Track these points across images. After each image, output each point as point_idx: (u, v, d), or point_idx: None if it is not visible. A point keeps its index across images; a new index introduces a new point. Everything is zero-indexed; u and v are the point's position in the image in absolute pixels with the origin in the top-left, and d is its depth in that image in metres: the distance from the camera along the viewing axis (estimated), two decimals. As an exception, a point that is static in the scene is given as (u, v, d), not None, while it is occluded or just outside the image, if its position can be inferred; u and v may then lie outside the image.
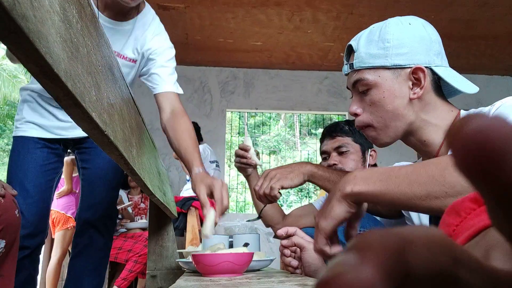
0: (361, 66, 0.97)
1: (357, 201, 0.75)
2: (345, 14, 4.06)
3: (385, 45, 0.94)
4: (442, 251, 0.14)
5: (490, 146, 0.11)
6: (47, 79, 0.38)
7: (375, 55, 0.95)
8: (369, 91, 0.97)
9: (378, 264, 0.12)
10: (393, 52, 0.94)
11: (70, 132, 1.73)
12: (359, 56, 0.98)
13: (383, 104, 0.95)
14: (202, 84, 5.28)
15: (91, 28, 0.52)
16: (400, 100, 0.95)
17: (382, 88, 0.95)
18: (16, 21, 0.27)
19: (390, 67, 0.94)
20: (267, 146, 13.30)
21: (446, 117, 0.96)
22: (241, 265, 1.03)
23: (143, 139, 1.07)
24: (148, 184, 1.04)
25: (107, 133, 0.54)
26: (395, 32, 0.94)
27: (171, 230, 1.82)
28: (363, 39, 0.99)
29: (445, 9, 3.91)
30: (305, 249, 1.00)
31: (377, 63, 0.95)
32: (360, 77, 0.97)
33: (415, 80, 0.94)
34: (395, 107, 0.95)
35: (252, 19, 4.17)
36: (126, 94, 0.81)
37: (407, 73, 0.94)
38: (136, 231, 3.57)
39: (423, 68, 0.93)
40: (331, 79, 5.38)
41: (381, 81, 0.95)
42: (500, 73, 5.48)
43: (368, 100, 0.97)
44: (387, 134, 0.98)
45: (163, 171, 1.72)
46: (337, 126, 1.71)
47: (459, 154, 0.12)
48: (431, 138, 0.96)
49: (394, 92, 0.94)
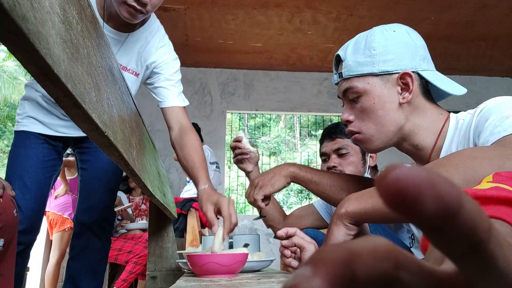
0: (350, 75, 0.99)
1: (354, 221, 0.77)
2: (345, 16, 4.06)
3: (372, 53, 0.97)
4: (385, 258, 0.16)
5: (404, 192, 0.14)
6: (47, 81, 0.38)
7: (362, 63, 0.97)
8: (359, 99, 0.99)
9: (327, 274, 0.15)
10: (380, 59, 0.96)
11: (71, 131, 1.73)
12: (347, 65, 1.00)
13: (374, 110, 0.97)
14: (202, 86, 5.29)
15: (91, 29, 0.52)
16: (390, 105, 0.96)
17: (371, 94, 0.97)
18: (16, 22, 0.27)
19: (378, 74, 0.97)
20: (267, 147, 13.30)
21: (436, 120, 0.97)
22: (229, 266, 1.03)
23: (143, 140, 1.08)
24: (148, 185, 1.05)
25: (107, 134, 0.54)
26: (381, 40, 0.96)
27: (171, 231, 1.82)
28: (350, 48, 1.01)
29: (445, 11, 3.92)
30: (305, 250, 1.00)
31: (365, 71, 0.97)
32: (349, 85, 1.00)
33: (403, 85, 0.96)
34: (386, 113, 0.96)
35: (252, 20, 4.18)
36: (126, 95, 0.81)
37: (395, 78, 0.96)
38: (136, 232, 3.57)
39: (410, 73, 0.95)
40: (331, 80, 5.38)
41: (370, 88, 0.97)
42: (500, 75, 5.48)
43: (359, 107, 0.99)
44: (379, 139, 0.99)
45: (163, 172, 1.72)
46: (337, 128, 1.70)
47: (384, 197, 0.15)
48: (423, 142, 0.98)
49: (384, 97, 0.96)
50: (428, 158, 0.97)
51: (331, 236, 0.79)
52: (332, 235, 0.79)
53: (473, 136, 0.83)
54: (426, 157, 0.98)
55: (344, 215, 0.77)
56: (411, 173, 0.14)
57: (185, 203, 3.49)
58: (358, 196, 0.77)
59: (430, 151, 0.97)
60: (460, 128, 0.92)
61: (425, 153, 0.98)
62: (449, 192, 0.15)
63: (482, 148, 0.69)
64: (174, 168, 4.91)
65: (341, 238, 0.78)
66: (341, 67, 1.03)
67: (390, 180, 0.14)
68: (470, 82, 5.45)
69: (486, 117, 0.80)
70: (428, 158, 0.97)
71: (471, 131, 0.84)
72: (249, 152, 1.54)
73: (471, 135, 0.84)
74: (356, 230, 0.78)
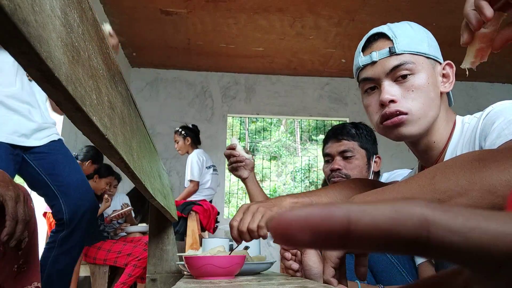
0: (406, 50, 0.94)
1: None
2: (346, 21, 4.07)
3: (427, 35, 0.96)
4: None
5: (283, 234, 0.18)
6: (48, 84, 0.38)
7: (419, 41, 0.94)
8: (411, 76, 0.93)
9: None
10: (431, 43, 0.95)
11: (29, 141, 1.79)
12: (400, 41, 0.94)
13: (427, 90, 0.92)
14: (204, 89, 5.29)
15: (92, 32, 0.53)
16: (437, 90, 0.94)
17: (427, 74, 0.93)
18: (17, 25, 0.28)
19: (430, 57, 0.95)
20: (268, 151, 13.28)
21: (449, 119, 0.97)
22: (227, 268, 1.03)
23: (144, 143, 1.08)
24: (149, 187, 1.05)
25: (107, 137, 0.55)
26: (424, 30, 0.97)
27: (171, 234, 1.82)
28: (396, 28, 0.96)
29: (446, 16, 3.92)
30: (306, 252, 0.99)
31: (422, 50, 0.94)
32: (404, 60, 0.93)
33: (444, 76, 0.96)
34: (436, 96, 0.93)
35: (254, 25, 4.19)
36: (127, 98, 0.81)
37: (440, 66, 0.96)
38: (136, 235, 3.57)
39: (452, 64, 0.95)
40: (332, 85, 5.39)
41: (426, 68, 0.94)
42: (501, 81, 5.48)
43: (409, 85, 0.93)
44: (423, 124, 0.94)
45: (164, 174, 1.73)
46: (343, 129, 1.63)
47: (273, 236, 0.19)
48: (439, 141, 0.96)
49: (435, 81, 0.94)
50: (437, 160, 0.96)
51: None
52: None
53: (478, 139, 0.83)
54: (434, 158, 0.97)
55: None
56: (285, 217, 0.18)
57: (185, 206, 3.48)
58: (362, 197, 0.77)
59: (439, 152, 0.96)
60: (466, 131, 0.91)
61: (435, 153, 0.97)
62: (328, 218, 0.18)
63: (489, 150, 0.68)
64: (174, 171, 4.91)
65: None
66: (385, 45, 0.96)
67: (272, 226, 0.19)
68: (471, 88, 5.45)
69: (492, 120, 0.80)
70: (436, 160, 0.96)
71: (477, 134, 0.84)
72: (244, 159, 1.53)
73: (476, 138, 0.84)
74: None
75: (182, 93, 5.21)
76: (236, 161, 1.53)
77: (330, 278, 0.78)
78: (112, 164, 2.62)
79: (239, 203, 8.03)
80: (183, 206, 3.48)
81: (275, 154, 13.58)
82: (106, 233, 3.38)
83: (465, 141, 0.90)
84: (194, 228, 3.34)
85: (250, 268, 1.25)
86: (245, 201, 7.02)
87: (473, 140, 0.86)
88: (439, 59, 0.97)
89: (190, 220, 3.40)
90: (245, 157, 1.52)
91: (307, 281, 0.95)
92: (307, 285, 0.84)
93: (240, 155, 1.52)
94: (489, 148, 0.76)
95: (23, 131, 1.86)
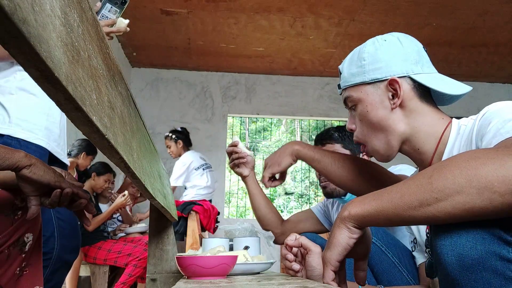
0: (346, 85, 1.07)
1: (357, 225, 0.77)
2: (347, 21, 4.07)
3: (362, 63, 1.03)
4: None
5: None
6: (48, 83, 0.38)
7: (355, 73, 1.04)
8: (356, 107, 1.05)
9: None
10: (370, 68, 1.01)
11: (63, 158, 1.71)
12: (343, 77, 1.08)
13: (368, 116, 1.02)
14: (204, 89, 5.29)
15: (92, 32, 0.53)
16: (383, 111, 1.01)
17: (365, 102, 1.02)
18: (17, 25, 0.28)
19: (370, 82, 1.02)
20: (268, 151, 13.28)
21: (437, 124, 0.98)
22: (211, 268, 1.03)
23: (144, 143, 1.08)
24: (149, 187, 1.05)
25: (107, 137, 0.55)
26: (371, 50, 1.03)
27: (171, 233, 1.82)
28: (346, 61, 1.09)
29: (446, 17, 3.92)
30: (310, 252, 0.99)
31: (357, 80, 1.03)
32: (347, 95, 1.06)
33: (394, 91, 1.00)
34: (380, 118, 1.01)
35: (254, 25, 4.19)
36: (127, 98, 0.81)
37: (385, 85, 1.01)
38: (136, 235, 3.57)
39: (396, 79, 0.98)
40: (333, 85, 5.39)
41: (363, 96, 1.03)
42: (501, 81, 5.48)
43: (358, 115, 1.05)
44: (382, 149, 1.03)
45: (164, 175, 1.72)
46: (326, 134, 1.75)
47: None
48: (424, 146, 0.99)
49: (376, 104, 1.01)
50: (430, 163, 0.97)
51: (334, 239, 0.79)
52: (335, 238, 0.79)
53: (475, 140, 0.84)
54: (428, 161, 0.98)
55: (347, 218, 0.77)
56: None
57: (185, 206, 3.49)
58: (360, 199, 0.77)
59: (431, 156, 0.97)
60: (462, 134, 0.92)
61: (427, 157, 0.99)
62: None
63: (485, 149, 0.69)
64: (175, 171, 4.91)
65: (344, 241, 0.78)
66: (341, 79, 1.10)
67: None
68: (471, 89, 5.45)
69: (488, 120, 0.80)
70: (429, 162, 0.98)
71: (474, 135, 0.85)
72: (246, 156, 1.56)
73: (473, 139, 0.84)
74: (359, 234, 0.78)
75: (182, 93, 5.21)
76: (238, 157, 1.57)
77: (330, 282, 0.80)
78: (109, 160, 2.61)
79: (239, 203, 8.02)
80: (183, 206, 3.49)
81: (275, 154, 13.56)
82: (106, 233, 3.38)
83: (462, 143, 0.91)
84: (194, 228, 3.35)
85: (250, 268, 1.25)
86: (245, 201, 7.01)
87: (470, 141, 0.87)
88: (384, 76, 1.00)
89: (190, 220, 3.40)
90: (247, 153, 1.57)
91: (307, 281, 0.95)
92: (307, 285, 0.84)
93: (243, 151, 1.57)
94: (485, 147, 0.77)
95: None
